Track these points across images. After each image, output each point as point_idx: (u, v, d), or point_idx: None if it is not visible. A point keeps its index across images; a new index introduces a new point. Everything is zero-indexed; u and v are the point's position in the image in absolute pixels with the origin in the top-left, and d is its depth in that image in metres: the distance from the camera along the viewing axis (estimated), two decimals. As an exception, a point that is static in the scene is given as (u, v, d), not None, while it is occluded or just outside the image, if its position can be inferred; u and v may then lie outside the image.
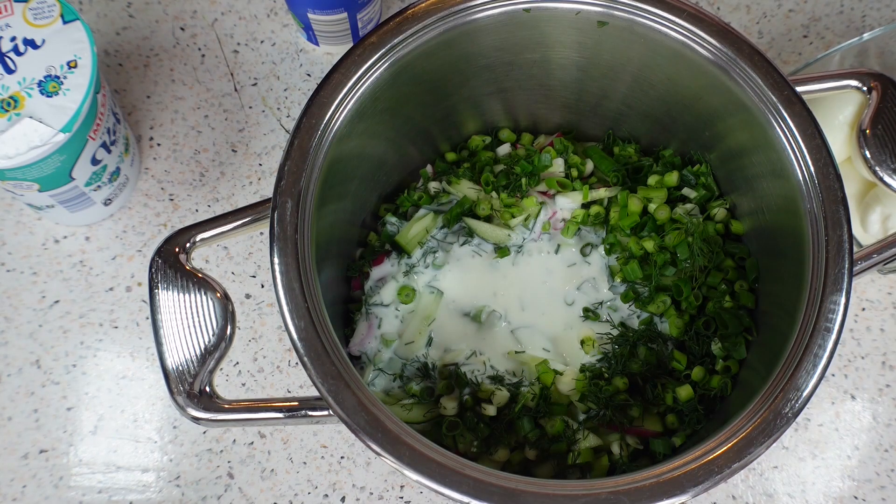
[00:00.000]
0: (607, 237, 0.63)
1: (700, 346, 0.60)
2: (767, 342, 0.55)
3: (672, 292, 0.61)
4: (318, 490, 0.65)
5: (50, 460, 0.65)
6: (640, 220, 0.63)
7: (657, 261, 0.61)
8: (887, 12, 0.80)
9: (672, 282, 0.61)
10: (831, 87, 0.56)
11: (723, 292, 0.60)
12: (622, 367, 0.60)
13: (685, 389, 0.58)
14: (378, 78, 0.54)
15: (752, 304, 0.59)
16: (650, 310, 0.61)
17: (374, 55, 0.54)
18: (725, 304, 0.59)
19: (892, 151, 0.55)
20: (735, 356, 0.58)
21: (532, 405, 0.59)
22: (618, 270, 0.62)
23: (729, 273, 0.61)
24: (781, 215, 0.54)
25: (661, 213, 0.62)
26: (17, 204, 0.72)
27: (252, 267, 0.71)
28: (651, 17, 0.55)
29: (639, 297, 0.62)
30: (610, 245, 0.63)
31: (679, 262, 0.61)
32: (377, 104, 0.56)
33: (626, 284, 0.62)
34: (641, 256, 0.62)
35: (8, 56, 0.59)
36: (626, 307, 0.62)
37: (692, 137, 0.63)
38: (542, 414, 0.59)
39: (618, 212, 0.63)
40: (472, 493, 0.44)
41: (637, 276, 0.61)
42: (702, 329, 0.59)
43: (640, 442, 0.58)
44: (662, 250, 0.61)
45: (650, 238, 0.62)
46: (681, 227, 0.61)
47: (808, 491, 0.66)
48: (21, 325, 0.69)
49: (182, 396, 0.48)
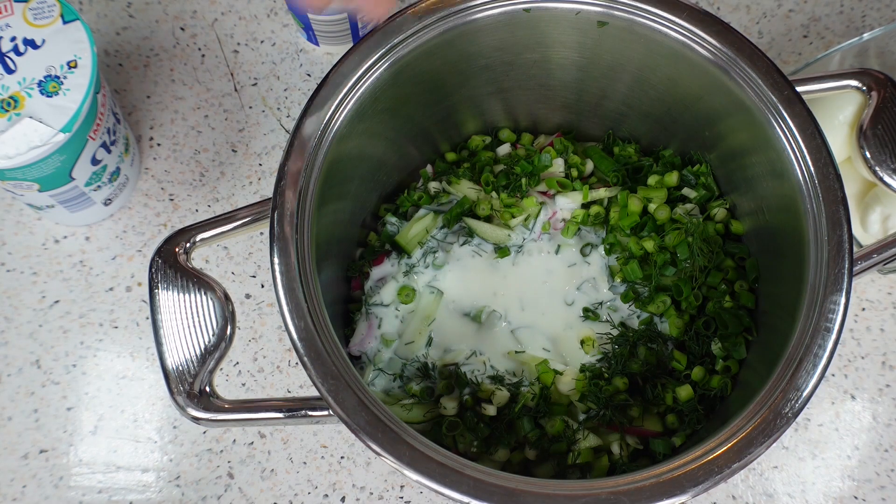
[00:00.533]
0: (607, 237, 0.63)
1: (700, 346, 0.60)
2: (767, 342, 0.55)
3: (672, 292, 0.61)
4: (318, 490, 0.65)
5: (50, 460, 0.65)
6: (639, 220, 0.63)
7: (657, 261, 0.61)
8: (887, 12, 0.80)
9: (672, 282, 0.61)
10: (831, 87, 0.56)
11: (723, 292, 0.60)
12: (622, 367, 0.60)
13: (685, 389, 0.58)
14: (378, 78, 0.54)
15: (751, 304, 0.59)
16: (650, 310, 0.61)
17: (374, 55, 0.54)
18: (725, 304, 0.59)
19: (892, 151, 0.55)
20: (735, 356, 0.58)
21: (532, 405, 0.59)
22: (618, 270, 0.62)
23: (729, 273, 0.61)
24: (781, 215, 0.54)
25: (661, 213, 0.62)
26: (17, 204, 0.72)
27: (252, 267, 0.71)
28: (651, 17, 0.55)
29: (639, 297, 0.62)
30: (610, 245, 0.63)
31: (679, 262, 0.61)
32: (377, 104, 0.56)
33: (626, 284, 0.62)
34: (641, 256, 0.62)
35: (8, 56, 0.59)
36: (626, 307, 0.62)
37: (692, 137, 0.63)
38: (542, 414, 0.59)
39: (618, 212, 0.63)
40: (472, 493, 0.44)
41: (637, 276, 0.61)
42: (702, 329, 0.59)
43: (640, 442, 0.58)
44: (662, 250, 0.61)
45: (650, 238, 0.62)
46: (681, 227, 0.61)
47: (808, 491, 0.66)
48: (21, 325, 0.69)
49: (182, 396, 0.48)
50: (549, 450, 0.58)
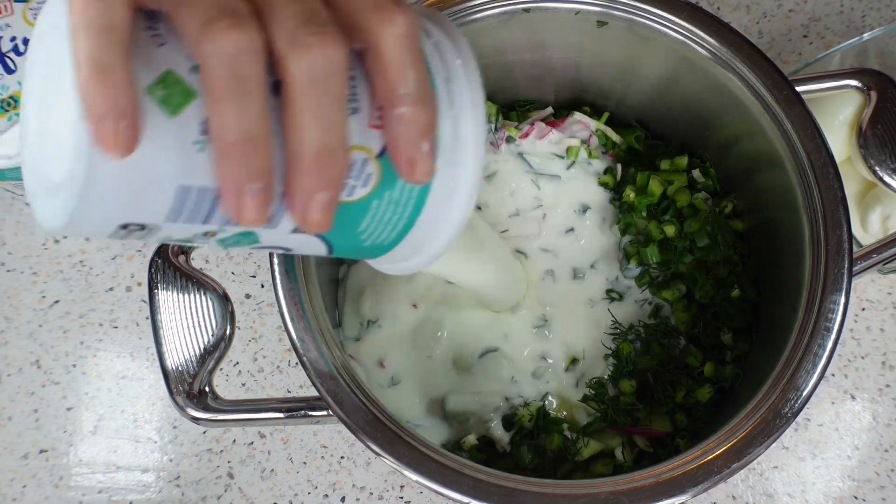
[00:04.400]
0: (623, 217, 0.61)
1: (710, 338, 0.58)
2: (767, 342, 0.55)
3: (688, 280, 0.59)
4: (318, 490, 0.65)
5: (50, 460, 0.65)
6: (657, 203, 0.61)
7: (678, 246, 0.59)
8: (887, 12, 0.80)
9: (688, 269, 0.59)
10: (831, 86, 0.56)
11: (730, 283, 0.58)
12: (632, 367, 0.58)
13: (705, 390, 0.56)
14: (378, 78, 0.54)
15: (755, 297, 0.58)
16: (664, 296, 0.59)
17: (374, 55, 0.54)
18: (734, 295, 0.58)
19: (892, 151, 0.55)
20: (742, 347, 0.57)
21: (530, 426, 0.57)
22: (633, 253, 0.60)
23: (738, 266, 0.60)
24: (781, 215, 0.54)
25: (682, 197, 0.60)
26: (17, 204, 0.72)
27: (252, 267, 0.71)
28: (651, 17, 0.55)
29: (653, 282, 0.60)
30: (626, 225, 0.61)
31: (696, 249, 0.59)
32: (377, 104, 0.55)
33: (641, 267, 0.60)
34: (661, 241, 0.60)
35: (8, 56, 0.59)
36: (636, 295, 0.60)
37: (692, 137, 0.62)
38: (540, 431, 0.57)
39: (634, 191, 0.61)
40: (472, 493, 0.44)
41: (656, 258, 0.58)
42: (711, 320, 0.58)
43: (649, 444, 0.57)
44: (683, 237, 0.59)
45: (671, 223, 0.60)
46: (699, 214, 0.60)
47: (808, 491, 0.66)
48: (21, 325, 0.69)
49: (182, 396, 0.48)
50: (548, 468, 0.57)
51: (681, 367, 0.58)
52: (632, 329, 0.59)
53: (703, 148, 0.62)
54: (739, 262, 0.60)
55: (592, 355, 0.59)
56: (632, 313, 0.60)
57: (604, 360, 0.59)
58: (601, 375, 0.58)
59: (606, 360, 0.59)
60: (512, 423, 0.57)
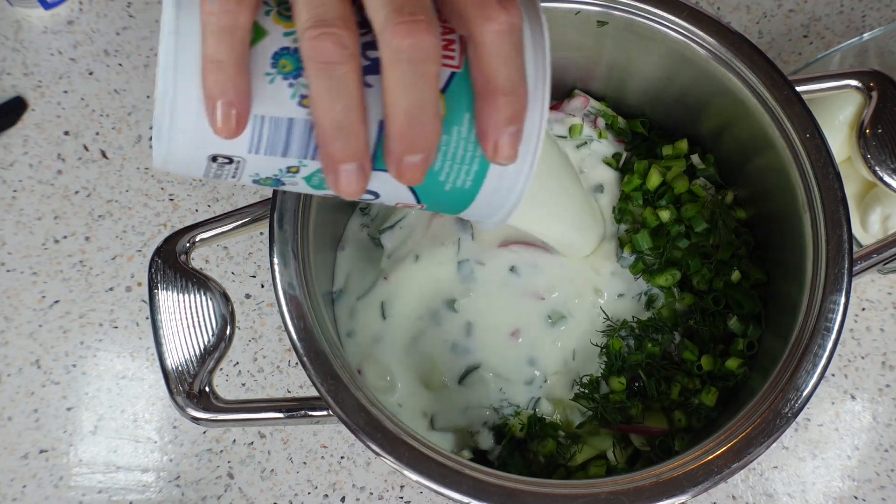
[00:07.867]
0: (619, 204, 0.60)
1: (709, 327, 0.57)
2: (767, 341, 0.55)
3: (683, 266, 0.58)
4: (318, 490, 0.65)
5: (50, 460, 0.65)
6: (655, 190, 0.60)
7: (671, 231, 0.58)
8: (887, 12, 0.80)
9: (682, 255, 0.58)
10: (831, 87, 0.56)
11: (732, 266, 0.57)
12: (622, 363, 0.57)
13: (711, 394, 0.55)
14: (378, 78, 0.54)
15: (764, 278, 0.57)
16: (658, 282, 0.58)
17: (374, 55, 0.54)
18: (734, 278, 0.57)
19: (892, 151, 0.55)
20: (751, 336, 0.55)
21: (522, 435, 0.56)
22: (627, 241, 0.59)
23: (741, 249, 0.58)
24: (781, 214, 0.54)
25: (679, 183, 0.59)
26: (17, 204, 0.72)
27: (252, 267, 0.71)
28: (651, 17, 0.55)
29: (648, 269, 0.59)
30: (622, 214, 0.60)
31: (693, 234, 0.58)
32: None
33: (635, 255, 0.59)
34: (654, 228, 0.59)
35: None
36: (630, 291, 0.59)
37: (691, 137, 0.62)
38: (533, 437, 0.56)
39: (631, 179, 0.60)
40: (471, 493, 0.44)
41: (648, 244, 0.58)
42: (711, 305, 0.56)
43: (645, 443, 0.56)
44: (678, 222, 0.59)
45: (667, 208, 0.59)
46: (698, 200, 0.59)
47: (808, 491, 0.66)
48: (21, 325, 0.69)
49: (182, 396, 0.48)
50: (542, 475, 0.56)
51: (676, 364, 0.57)
52: (625, 325, 0.58)
53: (702, 147, 0.62)
54: (741, 244, 0.59)
55: (586, 353, 0.59)
56: (627, 309, 0.59)
57: (598, 357, 0.58)
58: (594, 373, 0.57)
59: (600, 357, 0.58)
60: (503, 433, 0.57)
